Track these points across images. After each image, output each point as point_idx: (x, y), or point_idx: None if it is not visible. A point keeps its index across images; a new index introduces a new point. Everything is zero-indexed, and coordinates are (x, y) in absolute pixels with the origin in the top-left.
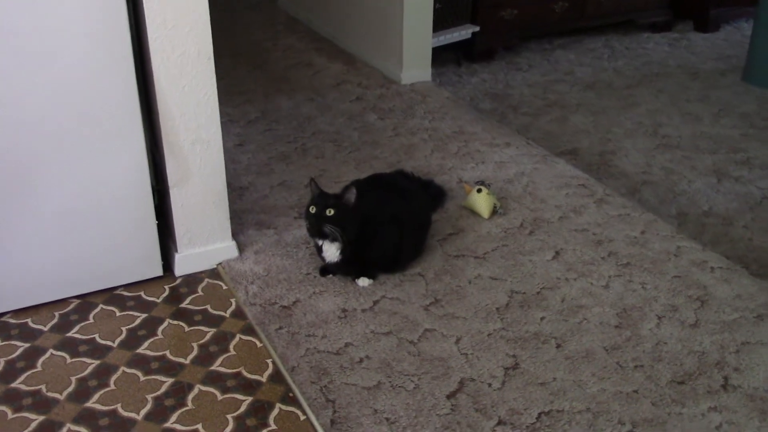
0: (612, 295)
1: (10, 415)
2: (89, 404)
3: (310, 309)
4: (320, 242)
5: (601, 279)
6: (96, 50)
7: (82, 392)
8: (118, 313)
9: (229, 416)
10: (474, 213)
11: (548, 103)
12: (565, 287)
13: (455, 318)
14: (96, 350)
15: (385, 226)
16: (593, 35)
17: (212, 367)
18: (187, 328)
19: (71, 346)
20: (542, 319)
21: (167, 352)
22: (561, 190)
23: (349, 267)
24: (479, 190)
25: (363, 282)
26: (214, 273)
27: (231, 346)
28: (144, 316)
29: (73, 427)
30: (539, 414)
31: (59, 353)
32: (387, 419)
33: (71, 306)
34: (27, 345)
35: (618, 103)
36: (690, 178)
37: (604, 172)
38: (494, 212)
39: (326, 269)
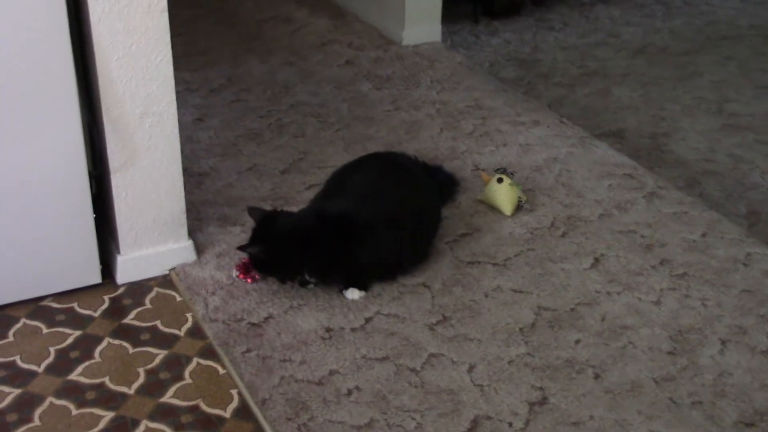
0: (664, 314)
1: None
2: None
3: (286, 327)
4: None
5: (651, 293)
6: None
7: None
8: (44, 330)
9: None
10: (493, 208)
11: (587, 71)
12: (606, 303)
13: (468, 340)
14: (16, 376)
15: (381, 222)
16: None
17: (163, 399)
18: (131, 350)
19: None
20: (577, 342)
21: (106, 379)
22: (602, 180)
23: (335, 275)
24: (500, 180)
25: (352, 294)
26: (165, 281)
27: (186, 373)
28: (77, 333)
29: None
30: None
31: None
32: None
33: None
34: None
35: (674, 72)
36: (764, 168)
37: (656, 158)
38: (518, 208)
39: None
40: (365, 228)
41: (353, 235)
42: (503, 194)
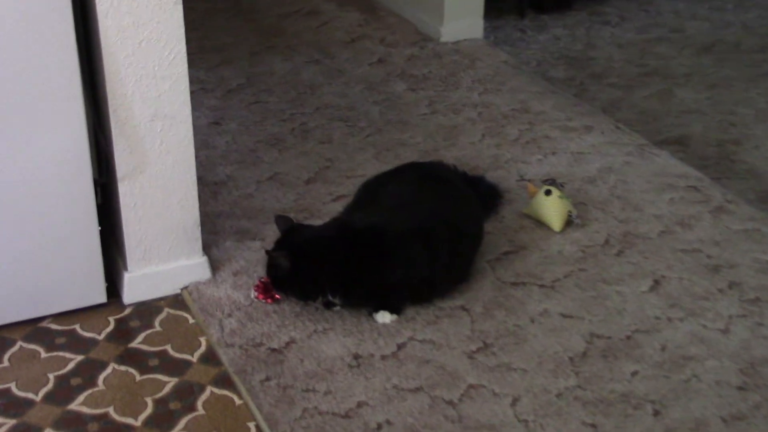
0: (734, 344)
1: None
2: None
3: (310, 353)
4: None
5: (719, 320)
6: None
7: None
8: (43, 354)
9: None
10: (540, 224)
11: (646, 71)
12: (667, 331)
13: (511, 370)
14: (11, 405)
15: (414, 237)
16: None
17: None
18: (138, 377)
19: None
20: (634, 374)
21: (111, 410)
22: (663, 193)
23: (362, 296)
24: (548, 192)
25: (383, 317)
26: (177, 301)
27: (199, 404)
28: (80, 358)
29: None
30: None
31: None
32: None
33: None
34: None
35: (746, 72)
36: None
37: (725, 169)
38: (568, 223)
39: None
40: (397, 243)
41: (383, 252)
42: (552, 208)
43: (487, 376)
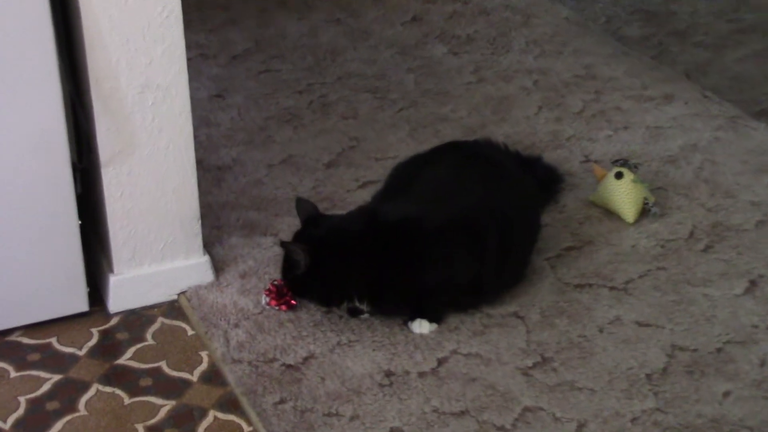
0: None
1: None
2: None
3: (333, 370)
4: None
5: None
6: None
7: None
8: (13, 374)
9: None
10: (609, 213)
11: (740, 27)
12: (767, 342)
13: (576, 390)
14: None
15: (457, 231)
16: None
17: None
18: (127, 400)
19: None
20: (726, 394)
21: None
22: (761, 175)
23: (395, 301)
24: (619, 176)
25: (420, 327)
26: (173, 308)
27: (201, 431)
28: (57, 378)
29: None
30: None
31: None
32: None
33: None
34: None
35: None
36: None
37: None
38: (644, 212)
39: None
40: (436, 238)
41: (419, 248)
42: (624, 194)
43: (546, 397)
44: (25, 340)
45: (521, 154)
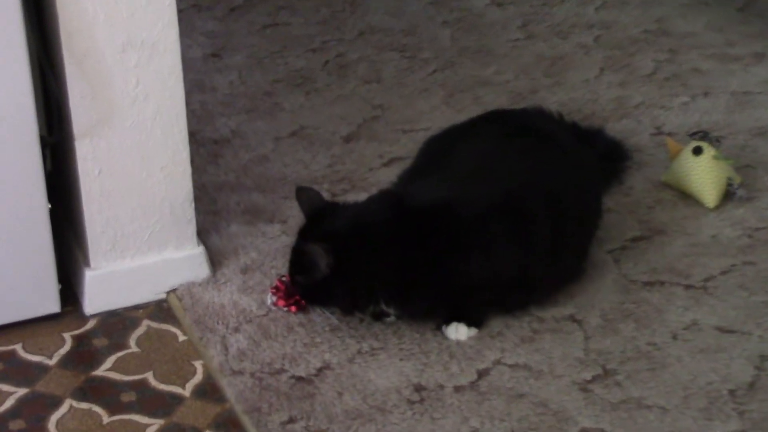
0: None
1: None
2: None
3: (353, 384)
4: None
5: None
6: None
7: None
8: None
9: None
10: (685, 196)
11: None
12: None
13: (644, 408)
14: None
15: (502, 219)
16: None
17: None
18: (106, 418)
19: None
20: None
21: None
22: None
23: (427, 303)
24: (697, 151)
25: (458, 333)
26: (162, 310)
27: None
28: (22, 392)
29: None
30: None
31: None
32: None
33: None
34: None
35: None
36: None
37: None
38: (727, 195)
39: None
40: (476, 227)
41: (457, 239)
42: (703, 173)
43: (608, 416)
44: None
45: (579, 126)
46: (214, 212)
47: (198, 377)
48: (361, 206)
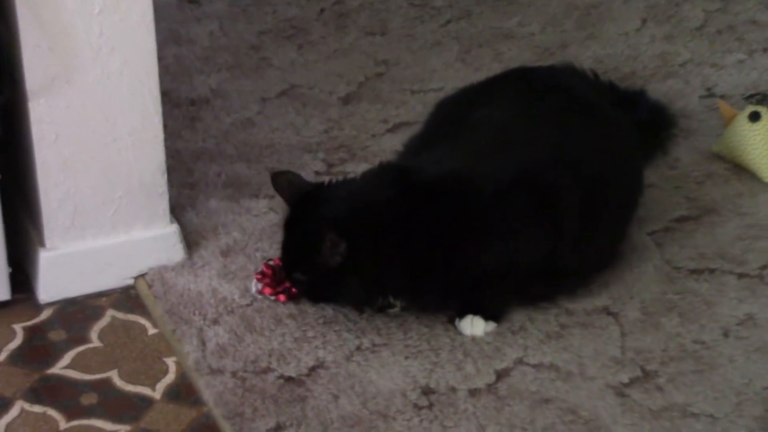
0: None
1: None
2: None
3: (351, 386)
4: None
5: None
6: None
7: None
8: None
9: None
10: (740, 169)
11: None
12: None
13: (690, 416)
14: None
15: (525, 196)
16: None
17: None
18: (64, 424)
19: None
20: None
21: None
22: None
23: (439, 293)
24: (755, 117)
25: (474, 327)
26: (129, 298)
27: None
28: None
29: None
30: None
31: None
32: None
33: None
34: None
35: None
36: None
37: None
38: None
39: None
40: (496, 205)
41: (473, 219)
42: (761, 143)
43: (647, 425)
44: None
45: (616, 87)
46: (191, 185)
47: (170, 376)
48: (360, 184)
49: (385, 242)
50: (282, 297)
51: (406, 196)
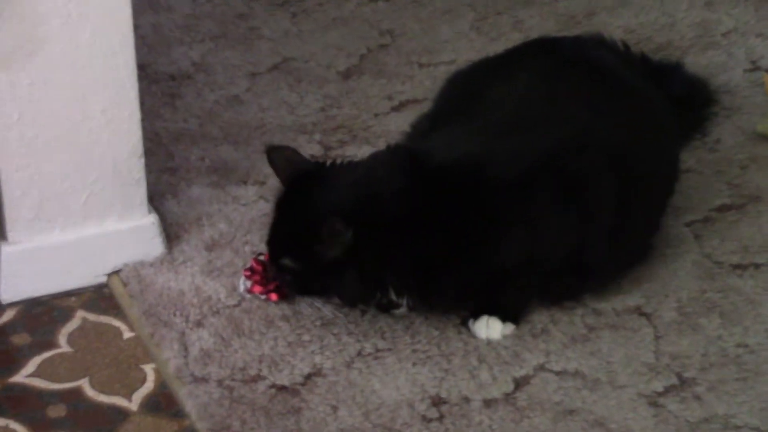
0: None
1: None
2: None
3: (351, 395)
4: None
5: None
6: None
7: None
8: None
9: None
10: None
11: None
12: None
13: (732, 428)
14: None
15: (548, 183)
16: None
17: None
18: None
19: None
20: None
21: None
22: None
23: (450, 291)
24: None
25: (489, 329)
26: (101, 297)
27: None
28: None
29: None
30: None
31: None
32: None
33: None
34: None
35: None
36: None
37: None
38: None
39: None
40: (515, 192)
41: (489, 209)
42: None
43: None
44: None
45: (650, 59)
46: (171, 170)
47: (148, 386)
48: (367, 168)
49: (393, 233)
50: (274, 296)
51: (416, 183)
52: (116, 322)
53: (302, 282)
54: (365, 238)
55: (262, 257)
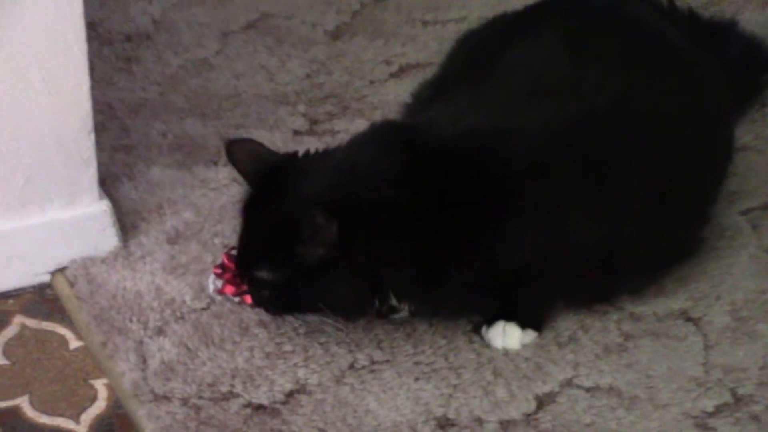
0: None
1: None
2: None
3: (342, 417)
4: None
5: None
6: None
7: None
8: None
9: None
10: None
11: None
12: None
13: None
14: None
15: (572, 164)
16: None
17: None
18: None
19: None
20: None
21: None
22: None
23: (459, 293)
24: None
25: (506, 337)
26: (44, 299)
27: None
28: None
29: None
30: None
31: None
32: None
33: None
34: None
35: None
36: None
37: None
38: None
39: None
40: (534, 175)
41: (505, 197)
42: None
43: None
44: None
45: (698, 17)
46: (127, 148)
47: (99, 405)
48: (348, 151)
49: (385, 224)
50: (249, 298)
51: (410, 164)
52: (61, 330)
53: (284, 296)
54: (352, 231)
55: (234, 252)
